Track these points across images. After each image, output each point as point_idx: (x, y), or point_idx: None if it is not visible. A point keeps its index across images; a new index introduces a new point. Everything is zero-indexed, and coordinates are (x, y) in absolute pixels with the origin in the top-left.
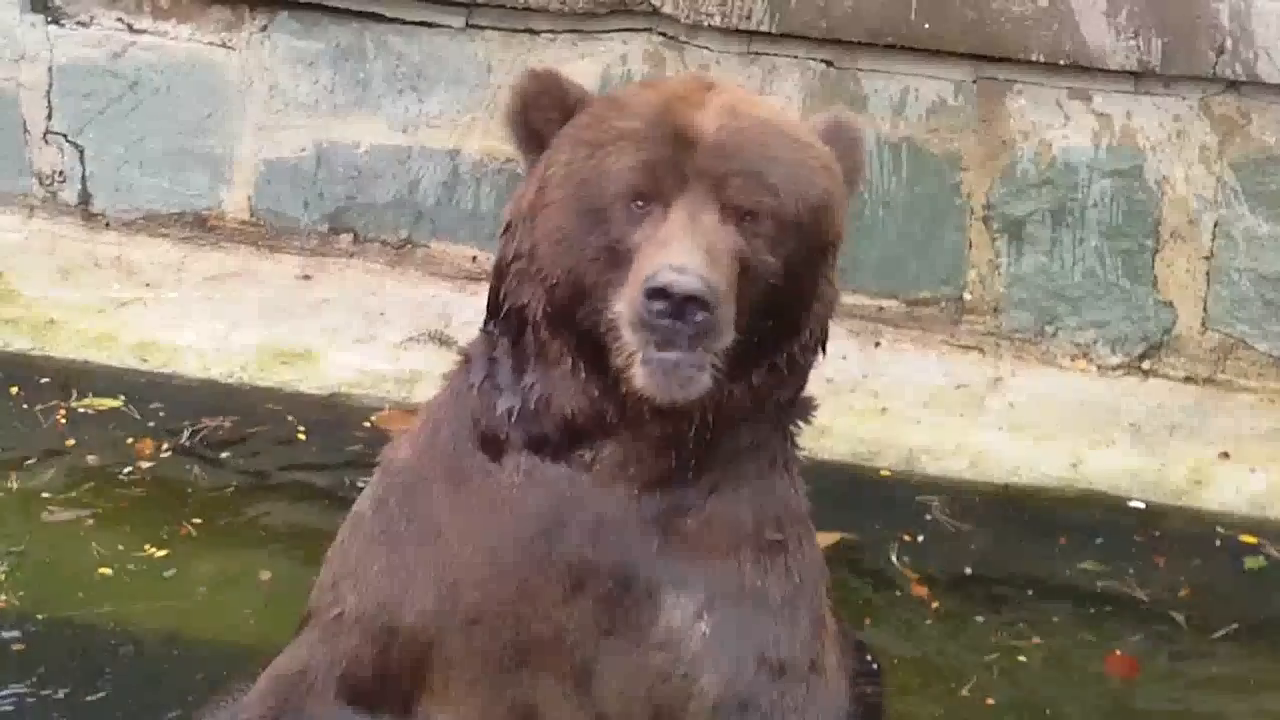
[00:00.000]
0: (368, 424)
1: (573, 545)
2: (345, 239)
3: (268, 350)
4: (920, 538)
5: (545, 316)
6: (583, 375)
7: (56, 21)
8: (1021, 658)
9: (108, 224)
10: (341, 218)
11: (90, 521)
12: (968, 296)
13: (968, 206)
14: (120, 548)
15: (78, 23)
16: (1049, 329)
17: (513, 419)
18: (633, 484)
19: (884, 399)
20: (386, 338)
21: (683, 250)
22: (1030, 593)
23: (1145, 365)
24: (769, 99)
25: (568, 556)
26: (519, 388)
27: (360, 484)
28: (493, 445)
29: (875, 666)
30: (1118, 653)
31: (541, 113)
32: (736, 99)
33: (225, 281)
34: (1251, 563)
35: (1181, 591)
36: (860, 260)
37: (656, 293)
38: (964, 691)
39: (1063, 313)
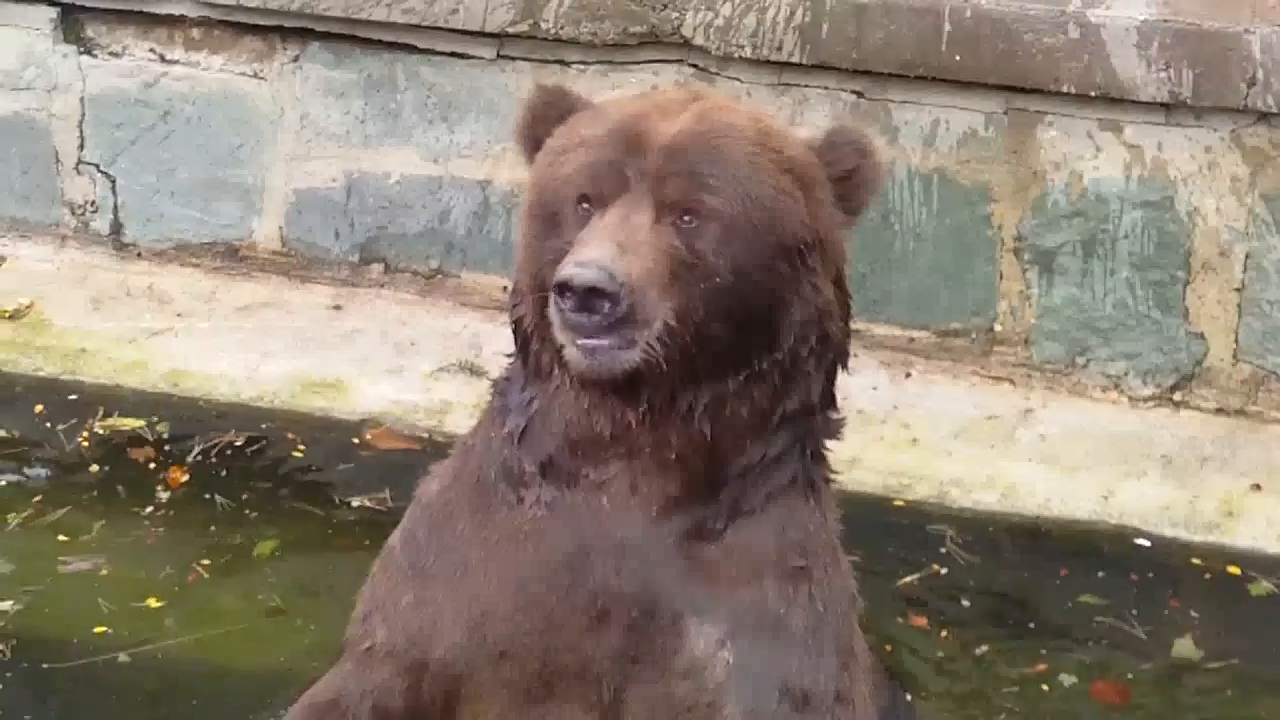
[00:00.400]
0: (356, 440)
1: (596, 574)
2: (376, 269)
3: (299, 380)
4: (944, 569)
5: (533, 327)
6: (568, 385)
7: (89, 52)
8: (1044, 686)
9: (139, 254)
10: (372, 248)
11: (120, 552)
12: (999, 328)
13: (998, 238)
14: (150, 577)
15: (110, 53)
16: (1080, 360)
17: (519, 441)
18: (649, 507)
19: (915, 430)
20: (417, 367)
21: (591, 246)
22: (1058, 624)
23: (1176, 397)
24: (755, 108)
25: (592, 586)
26: (524, 407)
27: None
28: (515, 478)
29: (909, 699)
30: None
31: (547, 125)
32: (714, 107)
33: (256, 311)
34: (1256, 589)
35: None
36: (891, 291)
37: (562, 287)
38: None
39: (1094, 344)
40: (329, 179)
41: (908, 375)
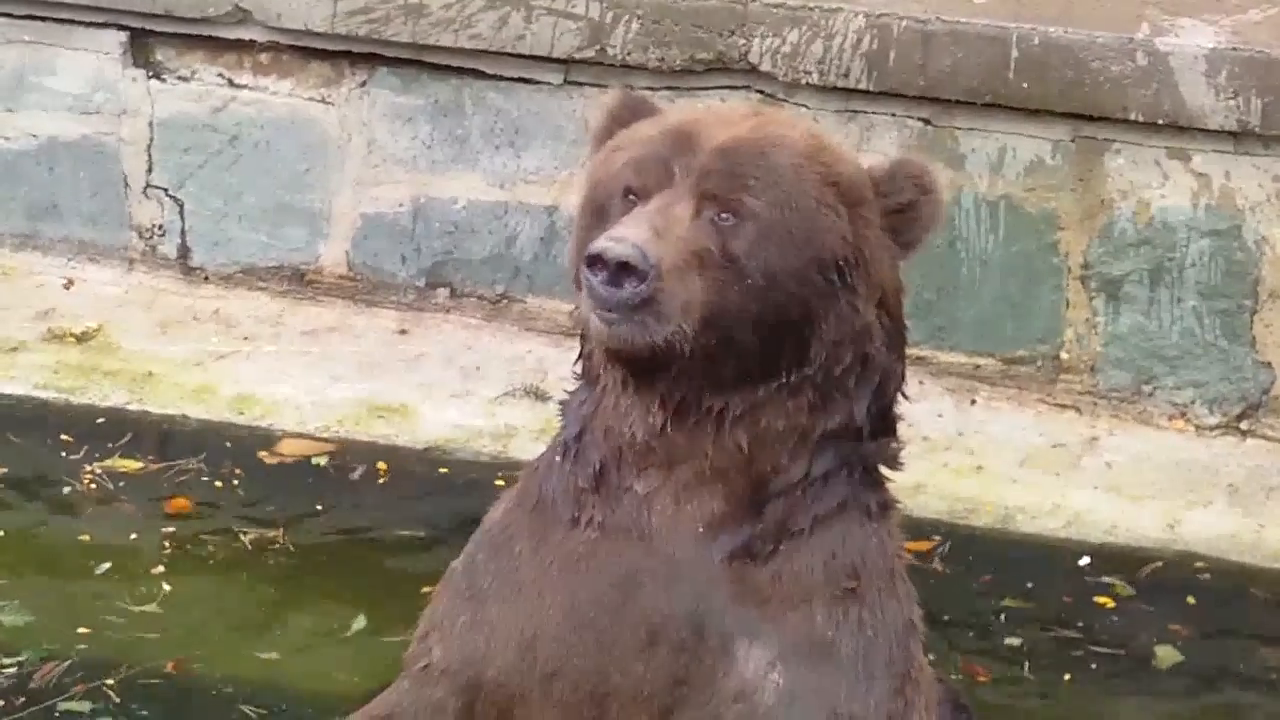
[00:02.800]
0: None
1: (646, 594)
2: (442, 294)
3: (364, 404)
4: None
5: (584, 324)
6: (612, 384)
7: (158, 76)
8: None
9: (206, 278)
10: (438, 272)
11: (183, 573)
12: (1064, 355)
13: (1065, 265)
14: (214, 598)
15: (179, 77)
16: (1146, 389)
17: (575, 454)
18: (694, 524)
19: (980, 457)
20: (483, 393)
21: (628, 225)
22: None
23: (1243, 426)
24: (814, 126)
25: (642, 606)
26: (578, 413)
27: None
28: (572, 495)
29: None
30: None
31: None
32: (772, 120)
33: (322, 336)
34: None
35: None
36: (957, 318)
37: (594, 260)
38: None
39: (1160, 372)
40: (396, 204)
41: (973, 402)
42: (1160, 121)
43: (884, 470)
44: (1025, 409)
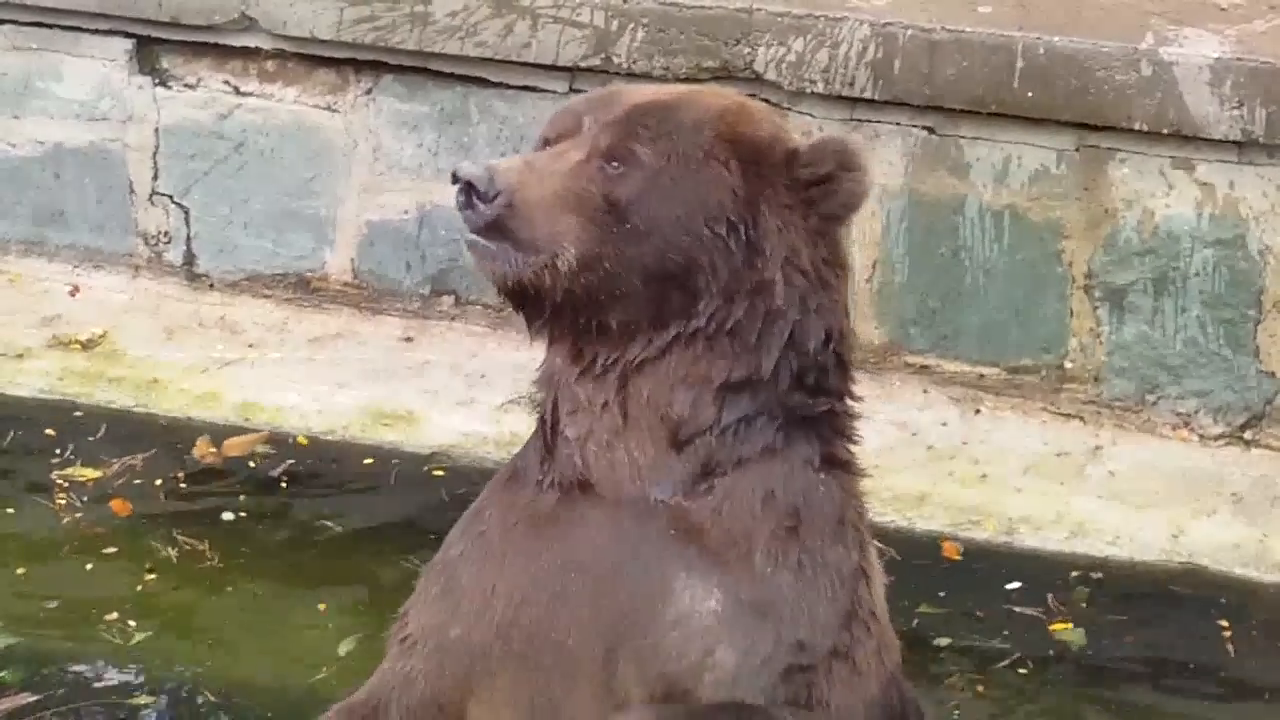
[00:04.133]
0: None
1: (593, 540)
2: (447, 301)
3: (369, 411)
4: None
5: None
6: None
7: (164, 83)
8: None
9: (212, 285)
10: (444, 280)
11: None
12: (1069, 364)
13: (1069, 275)
14: (220, 601)
15: (185, 84)
16: (1150, 398)
17: (527, 409)
18: (627, 468)
19: (984, 466)
20: (488, 400)
21: (502, 159)
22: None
23: (1247, 435)
24: (748, 99)
25: (590, 552)
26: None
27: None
28: (537, 465)
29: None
30: None
31: None
32: (708, 90)
33: (328, 343)
34: None
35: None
36: (961, 327)
37: (453, 179)
38: None
39: (1164, 382)
40: (401, 211)
41: (977, 411)
42: (1165, 131)
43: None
44: (1029, 418)
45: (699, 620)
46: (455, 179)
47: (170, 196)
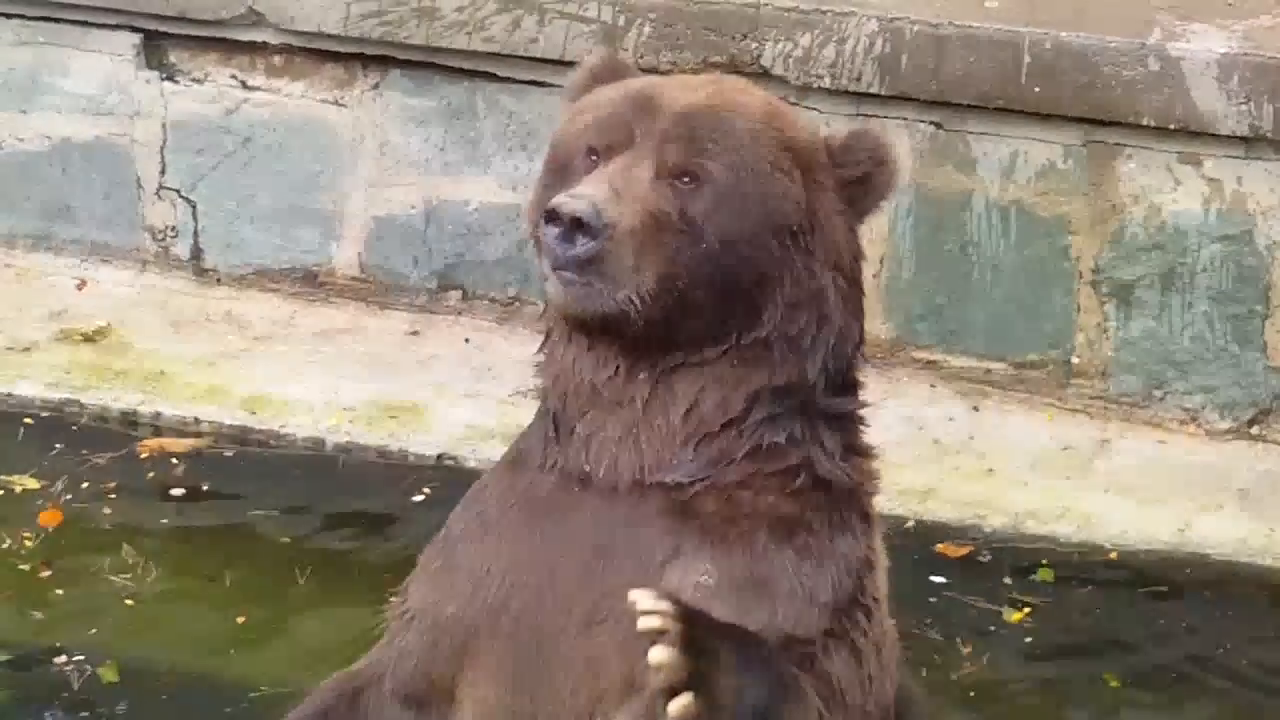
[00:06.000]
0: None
1: (587, 528)
2: (454, 296)
3: (376, 405)
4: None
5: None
6: (561, 332)
7: (171, 78)
8: None
9: (219, 279)
10: (450, 275)
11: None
12: (1075, 360)
13: (1076, 270)
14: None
15: (192, 79)
16: (1157, 393)
17: (540, 411)
18: (633, 464)
19: (990, 460)
20: (494, 394)
21: (589, 184)
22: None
23: (1254, 431)
24: (770, 95)
25: (583, 539)
26: (542, 363)
27: None
28: (543, 448)
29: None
30: None
31: None
32: (731, 87)
33: (334, 337)
34: None
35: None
36: (968, 322)
37: (551, 215)
38: None
39: (1171, 377)
40: (408, 206)
41: (976, 409)
42: (1172, 126)
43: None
44: (1036, 413)
45: (686, 593)
46: (556, 216)
47: (177, 191)
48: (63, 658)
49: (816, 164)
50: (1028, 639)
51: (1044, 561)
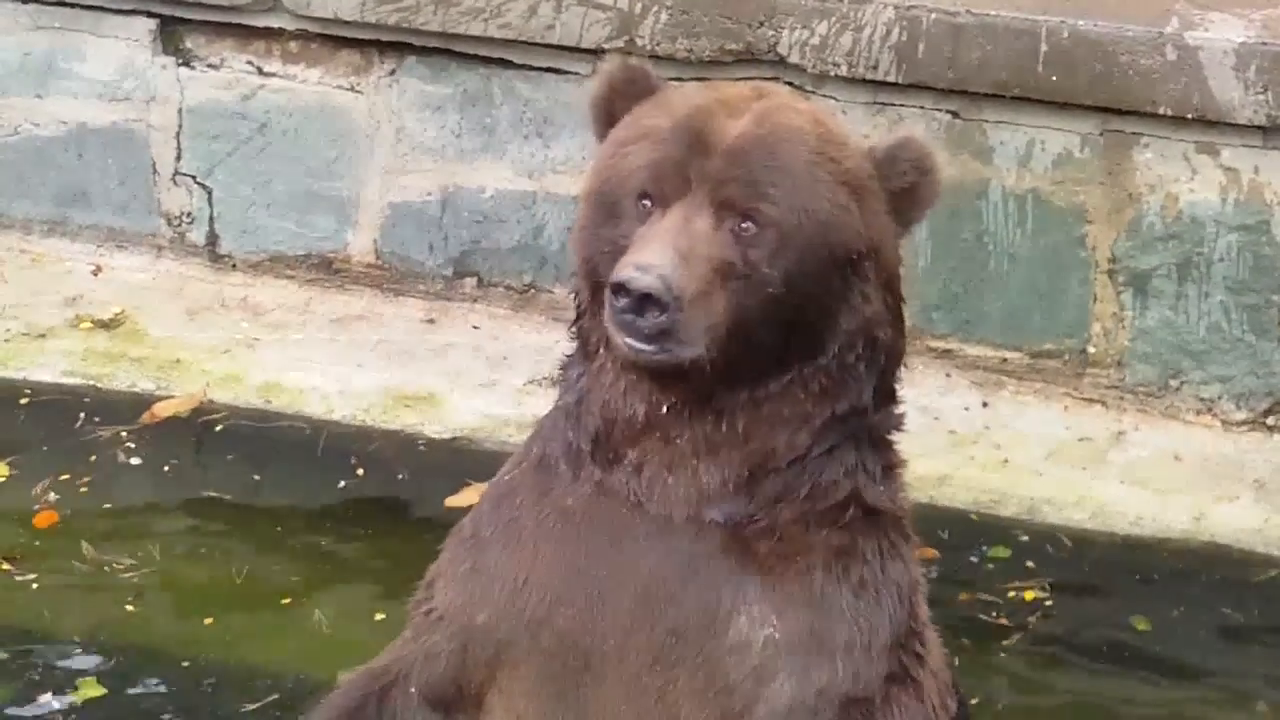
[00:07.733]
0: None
1: (640, 552)
2: (469, 283)
3: (391, 393)
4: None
5: (585, 306)
6: (610, 365)
7: (187, 64)
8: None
9: (234, 265)
10: (466, 262)
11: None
12: (1091, 349)
13: (1093, 259)
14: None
15: (208, 65)
16: (1173, 383)
17: (575, 418)
18: (687, 494)
19: (1006, 450)
20: (509, 382)
21: (653, 250)
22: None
23: (1270, 421)
24: (821, 108)
25: (635, 563)
26: (575, 383)
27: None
28: (572, 455)
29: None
30: None
31: (626, 102)
32: (776, 107)
33: (350, 324)
34: None
35: None
36: (984, 312)
37: (618, 288)
38: None
39: (1187, 367)
40: (424, 193)
41: (985, 403)
42: (1189, 115)
43: (888, 436)
44: (1052, 403)
45: (755, 649)
46: (625, 290)
47: (193, 177)
48: (66, 648)
49: (868, 187)
50: (1042, 628)
51: (1059, 551)
